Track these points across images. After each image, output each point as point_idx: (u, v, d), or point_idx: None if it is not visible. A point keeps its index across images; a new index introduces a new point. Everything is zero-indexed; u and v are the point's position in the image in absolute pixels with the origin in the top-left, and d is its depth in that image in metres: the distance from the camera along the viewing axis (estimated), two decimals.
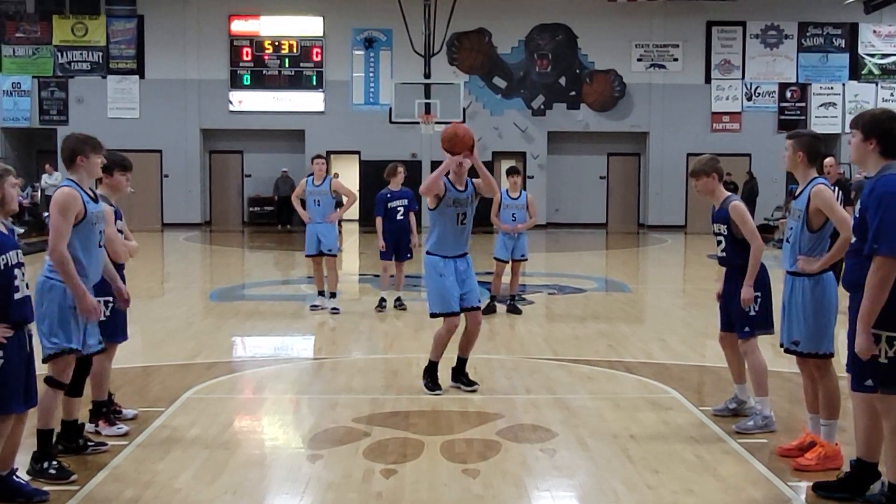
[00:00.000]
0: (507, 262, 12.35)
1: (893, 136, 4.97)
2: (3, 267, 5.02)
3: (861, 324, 4.87)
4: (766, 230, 25.76)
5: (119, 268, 6.74)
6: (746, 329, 6.80)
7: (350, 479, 5.75)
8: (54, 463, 5.73)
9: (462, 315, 7.94)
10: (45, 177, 25.53)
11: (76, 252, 5.74)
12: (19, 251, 5.19)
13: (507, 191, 12.34)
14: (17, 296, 5.09)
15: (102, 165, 6.56)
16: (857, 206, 5.07)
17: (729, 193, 7.04)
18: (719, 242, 6.99)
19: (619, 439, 6.61)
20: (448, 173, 7.96)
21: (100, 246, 6.01)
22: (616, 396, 7.93)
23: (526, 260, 12.72)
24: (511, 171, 12.51)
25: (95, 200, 5.99)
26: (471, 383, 8.03)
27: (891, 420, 4.95)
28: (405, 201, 12.61)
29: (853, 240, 5.12)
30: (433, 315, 7.98)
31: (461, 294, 7.89)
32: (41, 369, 5.57)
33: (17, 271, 5.10)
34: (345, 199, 12.87)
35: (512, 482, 5.74)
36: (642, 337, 10.98)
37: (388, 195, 12.60)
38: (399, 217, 12.54)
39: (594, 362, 9.30)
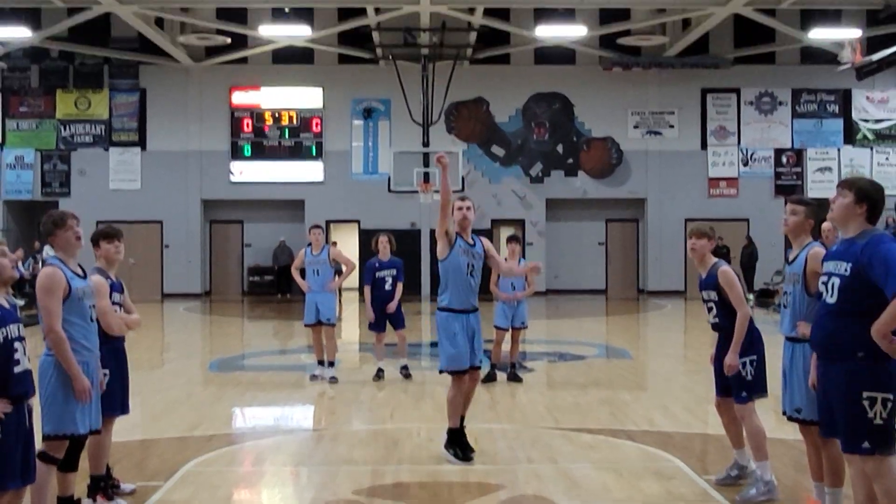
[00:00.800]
0: (507, 330, 12.33)
1: (879, 207, 5.22)
2: (2, 340, 5.03)
3: (879, 331, 4.84)
4: (767, 294, 25.79)
5: (119, 340, 6.76)
6: (744, 394, 6.81)
7: None
8: None
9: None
10: (46, 248, 25.58)
11: (67, 328, 5.79)
12: (20, 325, 5.20)
13: (506, 259, 12.37)
14: (17, 369, 5.08)
15: (91, 238, 6.64)
16: (843, 267, 5.07)
17: (717, 259, 7.12)
18: (710, 309, 7.04)
19: None
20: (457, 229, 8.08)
21: (91, 320, 6.05)
22: (618, 465, 7.87)
23: (526, 327, 12.70)
24: (511, 240, 12.56)
25: (83, 276, 6.05)
26: (469, 448, 8.01)
27: (883, 483, 4.96)
28: (394, 271, 12.63)
29: (831, 300, 5.12)
30: (442, 371, 8.05)
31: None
32: (40, 444, 5.55)
33: (17, 344, 5.11)
34: (344, 268, 12.92)
35: None
36: (644, 404, 10.93)
37: (377, 264, 12.65)
38: (387, 287, 12.56)
39: (596, 430, 9.25)
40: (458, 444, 7.95)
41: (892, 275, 4.86)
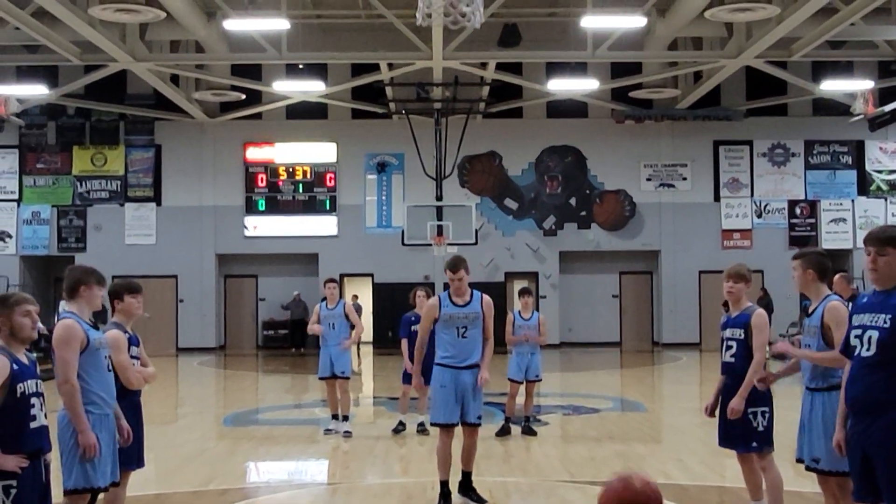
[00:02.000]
0: (521, 383, 12.28)
1: None
2: (20, 395, 5.06)
3: None
4: None
5: (135, 394, 6.79)
6: (754, 444, 6.76)
7: None
8: None
9: (462, 430, 8.08)
10: (62, 303, 25.69)
11: (87, 379, 5.83)
12: (39, 381, 5.24)
13: (519, 312, 12.35)
14: (33, 424, 5.11)
15: (112, 291, 6.71)
16: (882, 319, 5.00)
17: (752, 304, 7.07)
18: (729, 347, 6.97)
19: None
20: (447, 288, 8.15)
21: (109, 371, 6.10)
22: None
23: (540, 380, 12.65)
24: (523, 292, 12.53)
25: (96, 328, 6.12)
26: (480, 500, 7.97)
27: None
28: None
29: (868, 353, 5.03)
30: (432, 424, 8.19)
31: (461, 408, 7.95)
32: (57, 497, 5.55)
33: (34, 400, 5.14)
34: (356, 325, 12.82)
35: None
36: (659, 457, 10.85)
37: (413, 318, 12.49)
38: None
39: None
40: (443, 497, 7.99)
41: None
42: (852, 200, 29.42)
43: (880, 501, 5.05)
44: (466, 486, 8.10)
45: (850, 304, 9.11)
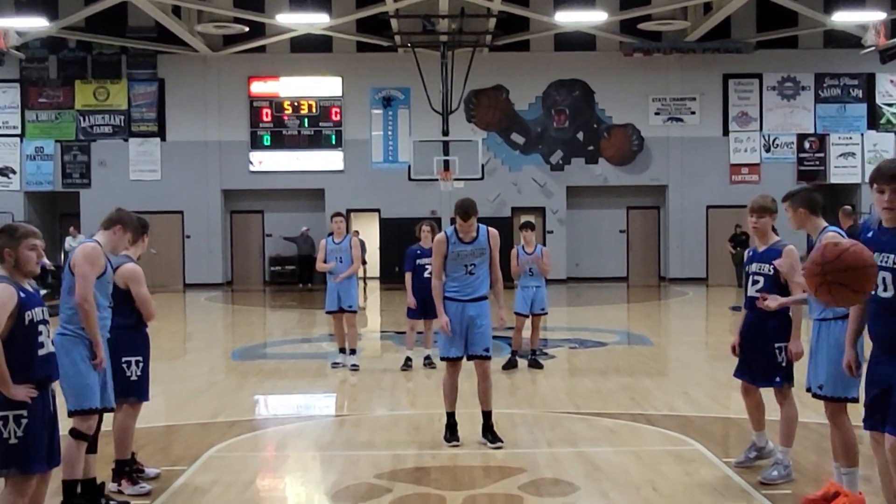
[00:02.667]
0: (528, 317, 12.29)
1: None
2: (27, 322, 5.10)
3: None
4: None
5: (145, 326, 6.89)
6: (777, 379, 6.75)
7: None
8: None
9: (474, 365, 8.15)
10: (68, 239, 25.77)
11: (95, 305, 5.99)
12: (45, 308, 5.28)
13: (522, 246, 12.31)
14: (41, 352, 5.16)
15: (143, 226, 6.87)
16: (890, 260, 4.95)
17: (780, 238, 6.93)
18: (756, 282, 6.81)
19: (641, 492, 6.56)
20: (454, 222, 8.15)
21: (110, 305, 6.32)
22: (639, 449, 7.87)
23: (546, 314, 12.67)
24: (525, 226, 12.46)
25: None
26: (496, 439, 7.99)
27: None
28: None
29: (886, 294, 4.94)
30: (441, 359, 8.25)
31: (466, 341, 7.98)
32: (64, 429, 5.61)
33: (41, 327, 5.20)
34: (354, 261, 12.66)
35: None
36: (665, 390, 10.91)
37: (419, 251, 12.42)
38: (427, 274, 12.28)
39: (616, 415, 9.24)
40: (449, 428, 8.08)
41: None
42: (862, 134, 29.19)
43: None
44: (486, 427, 8.11)
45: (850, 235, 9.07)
